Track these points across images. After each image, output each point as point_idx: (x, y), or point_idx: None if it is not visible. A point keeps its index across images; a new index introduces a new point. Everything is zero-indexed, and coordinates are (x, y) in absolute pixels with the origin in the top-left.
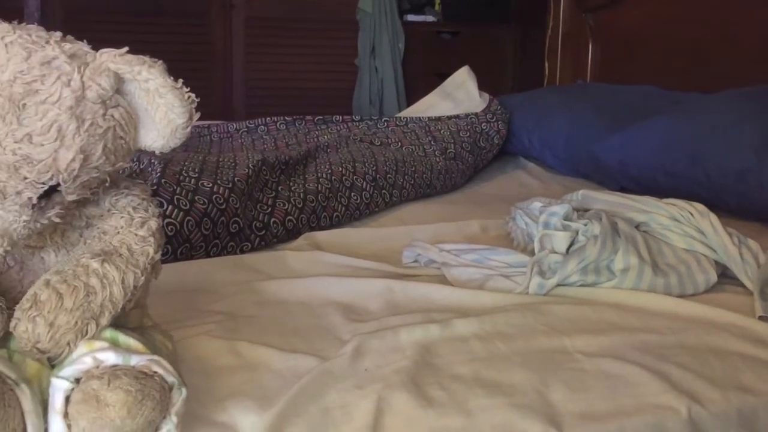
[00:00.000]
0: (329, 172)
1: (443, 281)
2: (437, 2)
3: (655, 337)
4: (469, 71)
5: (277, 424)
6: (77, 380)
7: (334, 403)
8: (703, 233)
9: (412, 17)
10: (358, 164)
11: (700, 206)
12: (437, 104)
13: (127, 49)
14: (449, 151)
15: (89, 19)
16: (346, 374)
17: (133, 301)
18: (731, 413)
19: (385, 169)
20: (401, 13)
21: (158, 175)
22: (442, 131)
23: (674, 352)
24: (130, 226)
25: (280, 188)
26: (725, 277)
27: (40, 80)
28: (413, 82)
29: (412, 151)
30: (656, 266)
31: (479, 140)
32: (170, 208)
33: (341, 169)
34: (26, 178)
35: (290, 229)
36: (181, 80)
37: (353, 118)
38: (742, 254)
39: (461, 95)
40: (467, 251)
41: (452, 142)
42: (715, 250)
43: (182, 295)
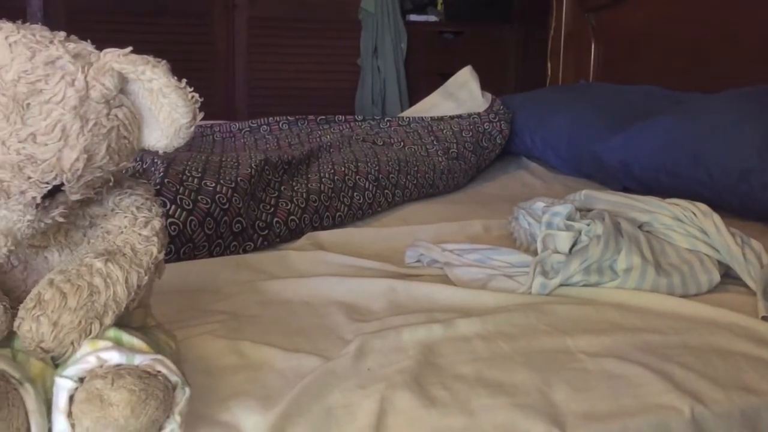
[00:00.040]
0: (332, 171)
1: (446, 281)
2: (439, 2)
3: (658, 337)
4: (471, 71)
5: (280, 423)
6: (81, 379)
7: (337, 402)
8: (706, 233)
9: (414, 17)
10: (360, 164)
11: (703, 206)
12: (440, 104)
13: (131, 48)
14: (452, 151)
15: (91, 18)
16: (349, 374)
17: (136, 300)
18: (734, 413)
19: (387, 168)
20: (404, 12)
21: (161, 174)
22: (444, 131)
23: (677, 352)
24: (133, 225)
25: (282, 188)
26: (728, 277)
27: (44, 80)
28: (415, 82)
29: (414, 151)
30: (659, 266)
31: (482, 140)
32: (173, 207)
33: (344, 168)
34: (30, 177)
35: (293, 228)
36: (184, 80)
37: (356, 117)
38: (745, 254)
39: (464, 95)
40: (470, 251)
41: (455, 142)
42: (718, 250)
43: (185, 294)
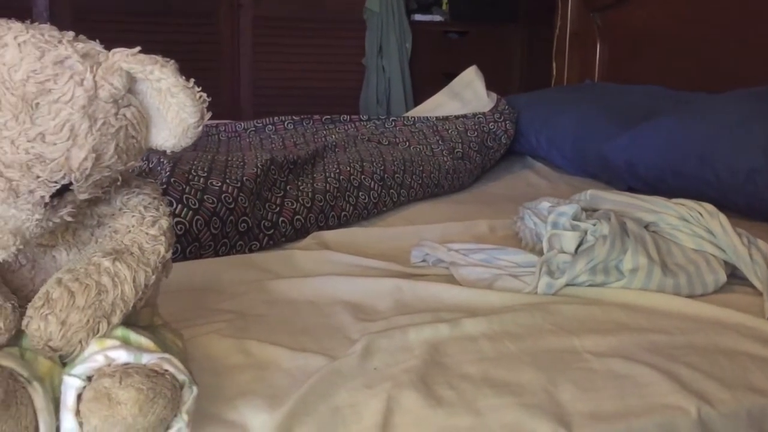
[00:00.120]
0: (337, 171)
1: (452, 281)
2: (444, 2)
3: (664, 337)
4: (476, 71)
5: (286, 423)
6: (89, 378)
7: (343, 402)
8: (712, 233)
9: (419, 17)
10: (366, 164)
11: (709, 206)
12: (445, 104)
13: (139, 48)
14: (457, 150)
15: (97, 18)
16: (355, 373)
17: (144, 299)
18: (741, 413)
19: (393, 168)
20: (408, 12)
21: (167, 174)
22: (449, 131)
23: (683, 352)
24: (141, 224)
25: (288, 187)
26: (734, 277)
27: (53, 79)
28: (420, 81)
29: (419, 150)
30: (665, 266)
31: (487, 140)
32: (179, 207)
33: (349, 168)
34: (39, 176)
35: (298, 228)
36: (192, 80)
37: (361, 117)
38: (751, 255)
39: (469, 95)
40: (475, 251)
41: (460, 141)
42: (724, 250)
43: (191, 293)
